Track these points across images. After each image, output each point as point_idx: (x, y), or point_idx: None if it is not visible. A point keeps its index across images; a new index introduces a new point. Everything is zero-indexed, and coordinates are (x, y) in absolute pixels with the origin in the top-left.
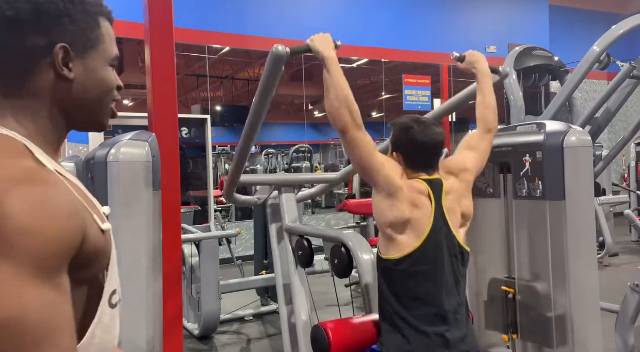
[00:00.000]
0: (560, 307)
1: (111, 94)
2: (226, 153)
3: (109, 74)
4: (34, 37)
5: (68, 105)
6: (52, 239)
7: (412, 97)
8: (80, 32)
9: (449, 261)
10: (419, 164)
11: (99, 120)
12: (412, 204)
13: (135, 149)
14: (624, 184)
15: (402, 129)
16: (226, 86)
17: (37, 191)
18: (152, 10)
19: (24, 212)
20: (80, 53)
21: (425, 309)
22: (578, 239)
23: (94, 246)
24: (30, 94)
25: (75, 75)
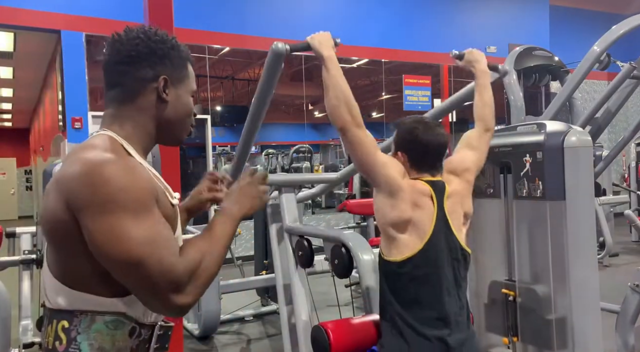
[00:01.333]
0: (561, 309)
1: (190, 117)
2: (226, 153)
3: (190, 101)
4: (146, 70)
5: (162, 119)
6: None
7: (412, 97)
8: (175, 69)
9: (450, 263)
10: (423, 164)
11: (179, 136)
12: (413, 203)
13: None
14: (624, 184)
15: (406, 129)
16: (226, 86)
17: (124, 164)
18: (152, 10)
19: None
20: (174, 84)
21: (426, 312)
22: (578, 239)
23: (164, 211)
24: (136, 108)
25: (170, 98)
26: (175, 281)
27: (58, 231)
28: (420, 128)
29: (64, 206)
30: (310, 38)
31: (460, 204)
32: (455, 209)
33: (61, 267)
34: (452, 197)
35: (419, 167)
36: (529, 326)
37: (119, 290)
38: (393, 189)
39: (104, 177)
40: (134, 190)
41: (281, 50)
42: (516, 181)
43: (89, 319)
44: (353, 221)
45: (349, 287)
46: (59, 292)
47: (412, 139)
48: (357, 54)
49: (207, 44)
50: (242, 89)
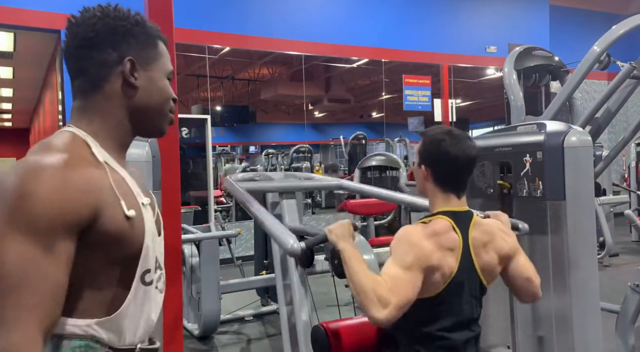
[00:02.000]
0: (561, 308)
1: (169, 103)
2: (226, 153)
3: (166, 84)
4: (109, 52)
5: (133, 108)
6: (49, 204)
7: (412, 97)
8: (143, 49)
9: (468, 300)
10: (448, 180)
11: (159, 125)
12: (444, 248)
13: (135, 149)
14: (624, 184)
15: (432, 140)
16: (226, 86)
17: (58, 168)
18: (152, 10)
19: (30, 181)
20: (143, 65)
21: (435, 343)
22: (578, 239)
23: (113, 226)
24: (103, 98)
25: (140, 83)
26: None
27: None
28: (448, 140)
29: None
30: (329, 231)
31: (488, 246)
32: (481, 244)
33: None
34: (480, 230)
35: (443, 184)
36: (528, 324)
37: (91, 311)
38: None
39: (17, 188)
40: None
41: (297, 250)
42: (516, 181)
43: (53, 343)
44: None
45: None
46: None
47: (439, 151)
48: (357, 54)
49: (207, 44)
50: (242, 89)
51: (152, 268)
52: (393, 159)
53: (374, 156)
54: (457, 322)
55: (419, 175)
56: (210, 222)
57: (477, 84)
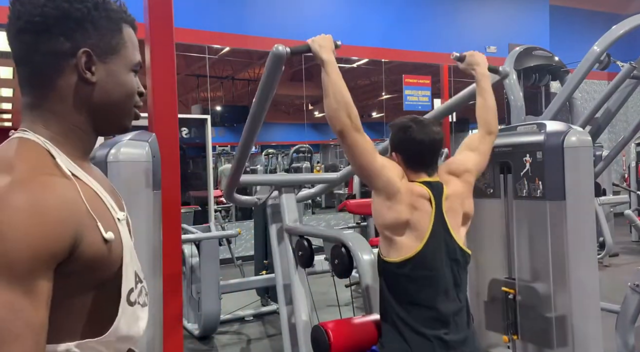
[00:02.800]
0: (561, 307)
1: (133, 99)
2: (226, 153)
3: (130, 79)
4: (60, 41)
5: (92, 107)
6: (25, 244)
7: (412, 97)
8: (102, 38)
9: (449, 264)
10: (418, 163)
11: (121, 123)
12: (410, 206)
13: (135, 149)
14: (624, 184)
15: (400, 128)
16: (226, 86)
17: (29, 197)
18: (152, 10)
19: (4, 219)
20: (102, 57)
21: (424, 313)
22: (578, 239)
23: (91, 253)
24: (56, 97)
25: (97, 78)
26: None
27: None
28: (414, 127)
29: None
30: (311, 41)
31: (460, 204)
32: (454, 209)
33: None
34: (451, 197)
35: (414, 166)
36: (528, 324)
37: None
38: (390, 191)
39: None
40: (14, 244)
41: (282, 52)
42: (516, 181)
43: None
44: (353, 221)
45: (349, 287)
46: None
47: (406, 138)
48: (357, 54)
49: (207, 44)
50: (242, 89)
51: (133, 285)
52: None
53: None
54: (442, 290)
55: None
56: (210, 222)
57: None
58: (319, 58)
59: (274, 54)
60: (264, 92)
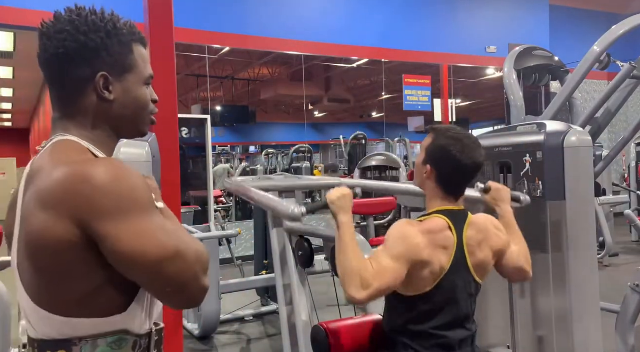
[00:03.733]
0: (561, 309)
1: (147, 109)
2: (226, 153)
3: (143, 92)
4: (81, 68)
5: (112, 120)
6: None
7: (412, 97)
8: (117, 61)
9: (463, 298)
10: (452, 185)
11: (139, 130)
12: (438, 246)
13: (135, 149)
14: (624, 184)
15: (441, 145)
16: (226, 86)
17: (112, 163)
18: (152, 10)
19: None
20: (117, 77)
21: (431, 341)
22: (578, 239)
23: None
24: (80, 113)
25: (114, 96)
26: (206, 263)
27: (55, 254)
28: (458, 147)
29: (68, 223)
30: (330, 200)
31: (482, 245)
32: (475, 243)
33: (51, 294)
34: (474, 229)
35: (446, 187)
36: (528, 326)
37: (116, 306)
38: (421, 261)
39: (111, 180)
40: (142, 187)
41: (297, 215)
42: (516, 181)
43: (90, 345)
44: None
45: None
46: (47, 322)
47: (447, 157)
48: (357, 54)
49: (207, 44)
50: (242, 89)
51: None
52: (393, 159)
53: (374, 156)
54: (452, 321)
55: (422, 171)
56: (210, 222)
57: (477, 84)
58: (336, 220)
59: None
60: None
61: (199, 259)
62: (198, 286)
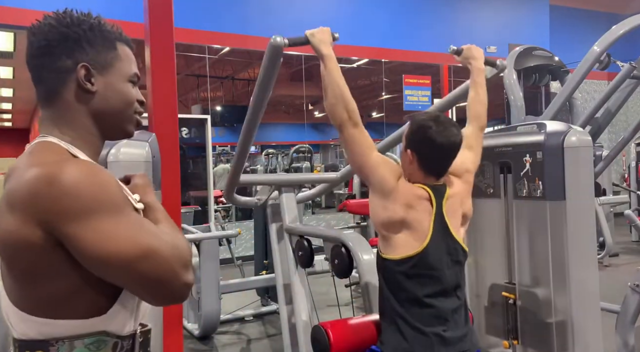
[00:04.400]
0: (561, 310)
1: (132, 106)
2: (226, 153)
3: (127, 88)
4: (62, 59)
5: (95, 113)
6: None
7: (412, 97)
8: (99, 54)
9: (449, 264)
10: (433, 168)
11: (124, 128)
12: (406, 205)
13: (135, 149)
14: (624, 184)
15: (419, 126)
16: (226, 86)
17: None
18: (152, 10)
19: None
20: (100, 70)
21: (423, 310)
22: (578, 239)
23: None
24: (65, 106)
25: (97, 88)
26: (185, 258)
27: (24, 256)
28: (434, 127)
29: (34, 226)
30: (310, 34)
31: (460, 204)
32: (454, 209)
33: (26, 296)
34: (452, 198)
35: (427, 170)
36: (529, 329)
37: (97, 308)
38: (385, 190)
39: (77, 181)
40: (110, 187)
41: (279, 43)
42: (516, 181)
43: (67, 345)
44: (353, 221)
45: (349, 287)
46: (26, 323)
47: (425, 138)
48: (357, 54)
49: (207, 44)
50: (242, 89)
51: None
52: (393, 159)
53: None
54: (442, 289)
55: (405, 158)
56: (210, 222)
57: None
58: (319, 52)
59: (272, 45)
60: (262, 86)
61: (176, 255)
62: (178, 281)
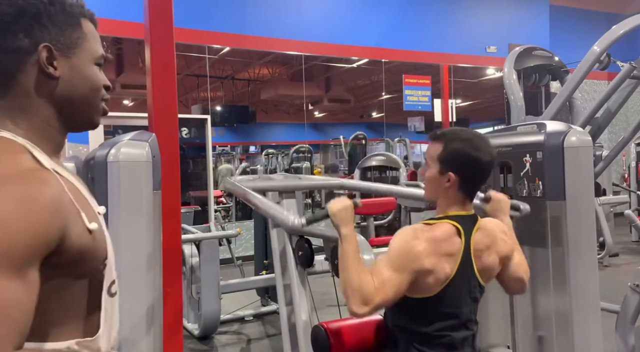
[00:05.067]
0: (561, 309)
1: (99, 92)
2: (226, 153)
3: (94, 72)
4: (18, 38)
5: (59, 102)
6: (23, 234)
7: (412, 97)
8: (62, 32)
9: (467, 302)
10: (474, 187)
11: (89, 118)
12: (443, 255)
13: (135, 149)
14: (624, 184)
15: (458, 149)
16: (226, 86)
17: (22, 188)
18: (152, 10)
19: (1, 208)
20: (64, 52)
21: (435, 341)
22: (578, 239)
23: (78, 244)
24: (22, 94)
25: (60, 73)
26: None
27: None
28: (474, 146)
29: None
30: (330, 211)
31: (488, 250)
32: (482, 247)
33: None
34: (482, 233)
35: (468, 191)
36: (528, 326)
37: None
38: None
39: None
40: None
41: (297, 225)
42: (516, 181)
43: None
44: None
45: None
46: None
47: (467, 159)
48: (357, 54)
49: (207, 44)
50: (242, 89)
51: (115, 279)
52: (393, 159)
53: (374, 156)
54: (456, 324)
55: (441, 182)
56: (210, 222)
57: (477, 84)
58: (338, 232)
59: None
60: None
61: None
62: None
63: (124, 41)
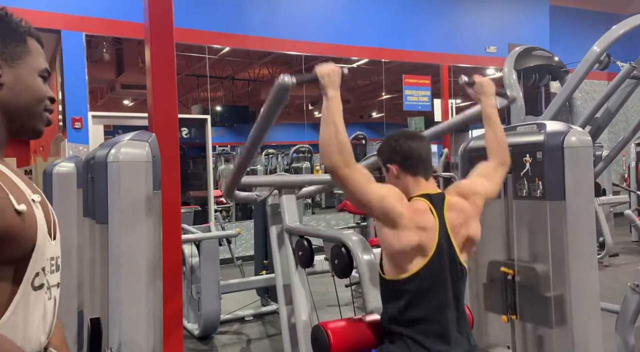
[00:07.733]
0: (561, 308)
1: (42, 103)
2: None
3: (38, 83)
4: None
5: (2, 110)
6: None
7: (412, 97)
8: (7, 45)
9: (451, 280)
10: (415, 165)
11: (33, 126)
12: (417, 227)
13: (135, 149)
14: (624, 184)
15: (388, 139)
16: (226, 86)
17: None
18: (152, 10)
19: None
20: (8, 61)
21: (426, 327)
22: (578, 239)
23: (3, 224)
24: None
25: (5, 80)
26: None
27: None
28: (403, 137)
29: None
30: (320, 74)
31: (465, 224)
32: (458, 223)
33: None
34: (454, 210)
35: (412, 169)
36: (528, 327)
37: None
38: (394, 218)
39: None
40: None
41: (287, 83)
42: (516, 181)
43: None
44: (353, 221)
45: (349, 287)
46: None
47: (398, 147)
48: (357, 54)
49: (207, 44)
50: (242, 89)
51: (47, 271)
52: None
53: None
54: (444, 304)
55: (391, 176)
56: (210, 222)
57: None
58: (325, 92)
59: (280, 85)
60: (265, 119)
61: None
62: None
63: (124, 41)
